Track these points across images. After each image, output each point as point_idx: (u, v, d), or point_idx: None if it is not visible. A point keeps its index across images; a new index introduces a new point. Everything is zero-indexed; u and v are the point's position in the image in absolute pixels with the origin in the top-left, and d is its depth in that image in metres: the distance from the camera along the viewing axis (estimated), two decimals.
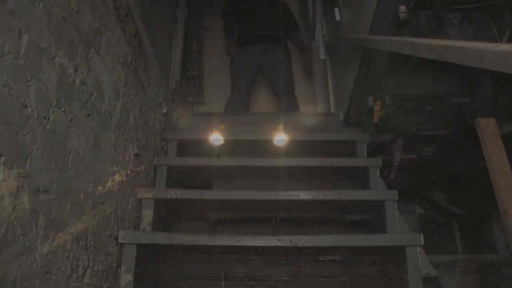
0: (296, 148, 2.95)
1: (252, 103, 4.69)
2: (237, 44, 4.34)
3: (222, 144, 2.94)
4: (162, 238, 2.20)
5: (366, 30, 2.29)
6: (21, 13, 1.21)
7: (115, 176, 2.01)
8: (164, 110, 2.89)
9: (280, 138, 2.90)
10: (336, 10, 3.28)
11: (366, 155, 2.84)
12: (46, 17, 1.35)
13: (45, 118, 1.35)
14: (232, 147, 2.95)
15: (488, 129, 2.54)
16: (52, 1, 1.39)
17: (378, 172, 2.64)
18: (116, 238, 2.03)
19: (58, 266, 1.43)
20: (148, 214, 2.35)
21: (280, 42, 4.28)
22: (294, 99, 4.08)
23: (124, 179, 2.13)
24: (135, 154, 2.28)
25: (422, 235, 2.19)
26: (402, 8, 2.06)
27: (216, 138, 2.92)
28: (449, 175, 3.61)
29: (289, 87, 4.12)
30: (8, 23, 1.15)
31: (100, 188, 1.81)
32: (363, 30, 2.35)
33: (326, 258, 2.48)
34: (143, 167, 2.44)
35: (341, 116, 3.17)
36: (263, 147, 2.95)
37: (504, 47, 0.77)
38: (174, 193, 2.41)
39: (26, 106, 1.23)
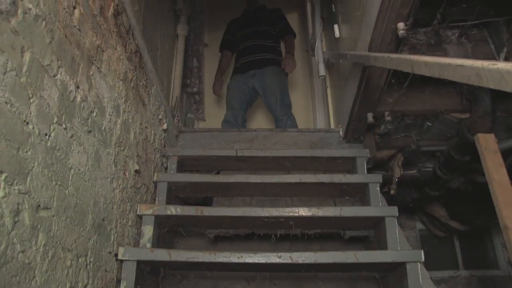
0: (296, 164, 2.95)
1: (250, 123, 4.81)
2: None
3: (222, 160, 2.94)
4: (162, 254, 2.19)
5: (365, 46, 2.30)
6: (24, 31, 1.22)
7: (116, 193, 2.01)
8: (165, 126, 2.90)
9: (280, 154, 2.91)
10: (336, 27, 3.31)
11: (366, 171, 2.84)
12: (48, 35, 1.36)
13: (46, 134, 1.35)
14: (232, 163, 2.96)
15: (487, 145, 2.55)
16: (55, 19, 1.41)
17: (378, 188, 2.64)
18: (116, 255, 2.02)
19: (57, 283, 1.42)
20: (148, 231, 2.34)
21: (271, 62, 4.28)
22: (292, 119, 4.00)
23: (124, 195, 2.14)
24: (136, 171, 2.29)
25: (422, 252, 2.18)
26: (400, 25, 2.08)
27: (216, 154, 2.92)
28: (449, 190, 3.61)
29: (285, 106, 4.06)
30: (11, 41, 1.16)
31: (100, 204, 1.82)
32: (362, 47, 2.37)
33: (326, 275, 2.47)
34: (143, 183, 2.44)
35: (341, 132, 3.17)
36: (263, 163, 2.96)
37: (501, 65, 0.78)
38: (174, 210, 2.41)
39: (27, 123, 1.24)
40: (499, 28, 2.33)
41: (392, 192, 3.36)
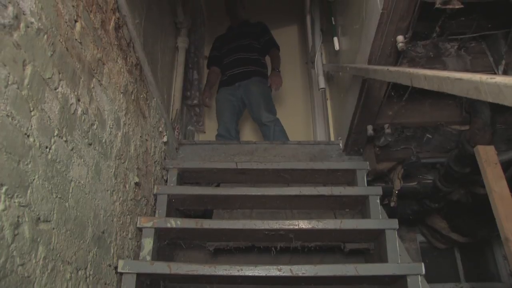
0: (296, 176, 2.95)
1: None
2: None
3: (222, 173, 2.94)
4: (162, 267, 2.18)
5: (365, 59, 2.32)
6: (26, 45, 1.23)
7: (116, 205, 2.01)
8: (165, 139, 2.91)
9: (281, 167, 2.91)
10: (335, 39, 3.32)
11: (366, 183, 2.84)
12: (50, 48, 1.37)
13: (46, 147, 1.36)
14: (233, 175, 2.96)
15: (487, 157, 2.55)
16: (56, 33, 1.42)
17: (378, 201, 2.64)
18: (116, 268, 2.02)
19: None
20: (148, 243, 2.34)
21: (255, 74, 4.34)
22: (279, 124, 4.02)
23: (125, 208, 2.13)
24: (136, 183, 2.29)
25: (423, 264, 2.18)
26: (400, 38, 2.09)
27: (216, 166, 2.92)
28: (449, 202, 3.60)
29: (270, 112, 4.10)
30: (14, 54, 1.17)
31: (100, 217, 1.81)
32: (362, 60, 2.38)
33: None
34: (143, 196, 2.44)
35: (340, 144, 3.18)
36: (263, 176, 2.95)
37: (499, 79, 0.78)
38: (174, 222, 2.41)
39: (28, 136, 1.25)
40: (497, 41, 2.34)
41: (392, 204, 3.35)
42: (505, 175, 2.52)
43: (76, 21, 1.58)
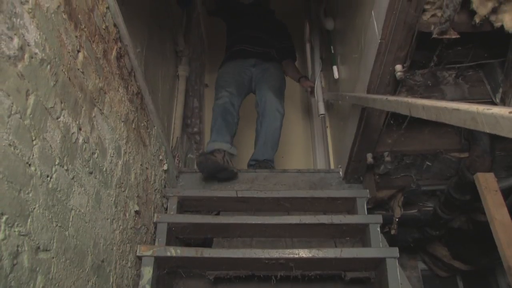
0: (296, 205, 2.94)
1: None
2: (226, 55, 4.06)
3: (223, 201, 2.94)
4: None
5: (364, 88, 2.34)
6: (30, 75, 1.25)
7: (116, 234, 2.00)
8: (165, 167, 2.91)
9: (281, 195, 2.91)
10: (335, 68, 3.36)
11: (366, 211, 2.84)
12: (52, 78, 1.39)
13: (47, 176, 1.36)
14: (233, 204, 2.95)
15: (487, 184, 2.55)
16: (59, 63, 1.44)
17: (379, 229, 2.63)
18: None
19: None
20: (147, 272, 2.33)
21: (274, 60, 3.99)
22: (280, 118, 3.61)
23: (124, 236, 2.13)
24: (136, 211, 2.28)
25: None
26: (398, 67, 2.11)
27: (216, 195, 2.92)
28: (450, 230, 3.59)
29: (279, 101, 3.66)
30: (17, 85, 1.19)
31: (100, 246, 1.81)
32: (361, 88, 2.40)
33: None
34: (143, 224, 2.44)
35: (340, 172, 3.18)
36: (263, 204, 2.95)
37: (496, 110, 0.79)
38: (174, 251, 2.40)
39: (29, 165, 1.25)
40: (494, 70, 2.37)
41: (392, 232, 3.34)
42: (506, 202, 2.52)
43: (78, 51, 1.61)
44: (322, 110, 3.84)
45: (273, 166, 3.51)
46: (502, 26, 1.90)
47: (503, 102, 2.29)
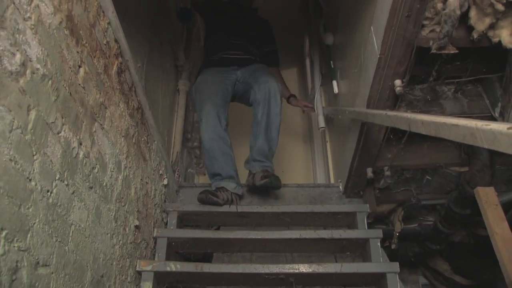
0: (296, 219, 2.94)
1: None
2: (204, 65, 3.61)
3: (223, 216, 2.93)
4: None
5: (363, 103, 2.35)
6: (31, 91, 1.25)
7: (115, 249, 1.99)
8: (165, 182, 2.91)
9: (281, 210, 2.91)
10: (334, 83, 3.37)
11: (366, 226, 2.83)
12: (54, 93, 1.40)
13: (48, 191, 1.37)
14: (233, 218, 2.94)
15: (487, 198, 2.55)
16: (60, 78, 1.45)
17: (379, 244, 2.62)
18: None
19: None
20: (147, 287, 2.32)
21: (259, 62, 3.59)
22: (279, 114, 3.19)
23: (124, 251, 2.12)
24: (136, 226, 2.28)
25: None
26: (397, 82, 2.13)
27: (216, 209, 2.92)
28: (451, 244, 3.58)
29: (277, 97, 3.18)
30: (19, 100, 1.19)
31: (99, 260, 1.80)
32: (361, 103, 2.41)
33: None
34: (143, 239, 2.43)
35: (340, 187, 3.18)
36: (263, 219, 2.94)
37: (494, 126, 0.80)
38: (173, 266, 2.39)
39: (30, 180, 1.25)
40: (493, 84, 2.38)
41: (393, 246, 3.33)
42: (506, 216, 2.51)
43: (80, 67, 1.62)
44: (322, 123, 3.84)
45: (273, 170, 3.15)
46: (499, 42, 1.91)
47: (502, 116, 2.30)
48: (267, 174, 2.97)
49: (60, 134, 1.45)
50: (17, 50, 1.18)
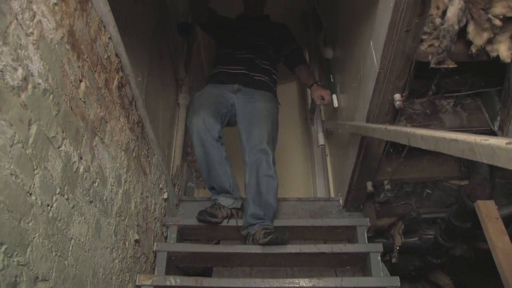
0: (296, 234, 2.93)
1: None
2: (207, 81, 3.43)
3: (222, 230, 2.93)
4: None
5: (363, 117, 2.36)
6: (32, 105, 1.26)
7: (115, 263, 1.99)
8: (165, 196, 2.91)
9: (281, 224, 2.90)
10: (334, 97, 3.38)
11: (366, 240, 2.82)
12: (55, 107, 1.40)
13: (48, 205, 1.36)
14: (233, 233, 2.94)
15: (488, 212, 2.55)
16: (62, 92, 1.45)
17: (379, 258, 2.62)
18: None
19: None
20: None
21: (266, 87, 3.33)
22: (274, 169, 2.94)
23: (124, 265, 2.11)
24: (135, 240, 2.27)
25: None
26: (397, 96, 2.14)
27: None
28: (452, 258, 3.56)
29: (272, 143, 3.01)
30: (20, 114, 1.20)
31: (99, 275, 1.79)
32: (361, 117, 2.42)
33: None
34: (143, 253, 2.42)
35: (340, 201, 3.17)
36: None
37: (493, 141, 0.80)
38: (173, 280, 2.38)
39: (30, 194, 1.25)
40: (492, 98, 2.39)
41: (393, 260, 3.32)
42: (507, 230, 2.51)
43: (81, 81, 1.62)
44: (321, 141, 3.84)
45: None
46: (498, 56, 1.92)
47: (501, 130, 2.31)
48: (269, 231, 2.67)
49: (60, 149, 1.45)
50: (19, 65, 1.19)
